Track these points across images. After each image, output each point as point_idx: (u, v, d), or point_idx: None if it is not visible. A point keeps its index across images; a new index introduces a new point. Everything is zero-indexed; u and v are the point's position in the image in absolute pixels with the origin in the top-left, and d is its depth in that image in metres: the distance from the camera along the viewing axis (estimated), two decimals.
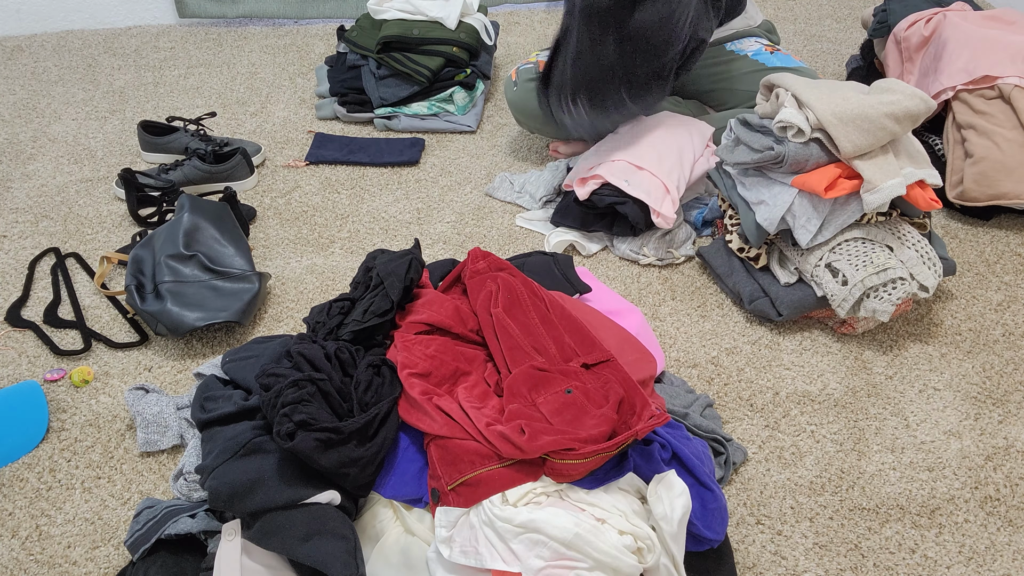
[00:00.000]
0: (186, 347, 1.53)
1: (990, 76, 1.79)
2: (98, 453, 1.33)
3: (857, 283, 1.42)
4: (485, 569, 0.99)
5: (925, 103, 1.43)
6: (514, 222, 1.85)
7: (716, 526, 1.07)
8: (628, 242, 1.72)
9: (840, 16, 2.84)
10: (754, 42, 1.97)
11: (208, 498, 1.05)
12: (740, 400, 1.41)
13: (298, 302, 1.64)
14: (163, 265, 1.53)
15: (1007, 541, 1.19)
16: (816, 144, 1.45)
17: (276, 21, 2.87)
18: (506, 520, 0.97)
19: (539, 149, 2.11)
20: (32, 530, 1.22)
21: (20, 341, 1.55)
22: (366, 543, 1.09)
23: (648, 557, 0.99)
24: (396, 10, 2.22)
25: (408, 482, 1.10)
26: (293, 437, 1.02)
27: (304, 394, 1.07)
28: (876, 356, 1.50)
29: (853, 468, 1.30)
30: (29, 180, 2.02)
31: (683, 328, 1.56)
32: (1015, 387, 1.44)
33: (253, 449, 1.06)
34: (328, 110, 2.24)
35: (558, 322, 1.24)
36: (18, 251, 1.78)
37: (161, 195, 1.84)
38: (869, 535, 1.20)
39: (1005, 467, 1.30)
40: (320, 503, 1.03)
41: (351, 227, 1.85)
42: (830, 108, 1.41)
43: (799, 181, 1.45)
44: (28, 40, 2.74)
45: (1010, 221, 1.83)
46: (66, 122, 2.27)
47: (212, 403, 1.17)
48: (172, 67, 2.56)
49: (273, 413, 1.06)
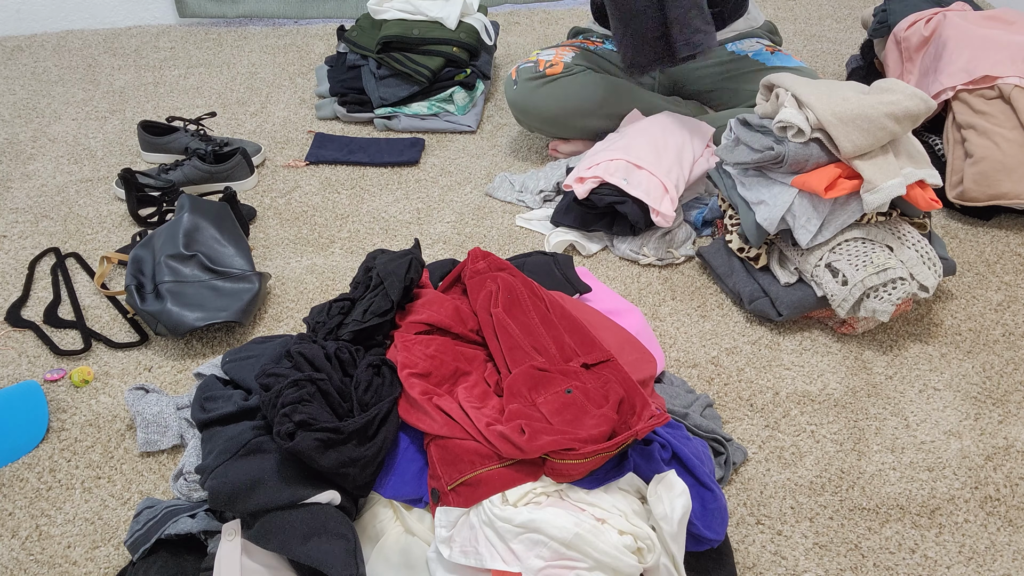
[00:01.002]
0: (186, 347, 1.53)
1: (990, 76, 1.79)
2: (98, 453, 1.33)
3: (857, 283, 1.42)
4: (485, 569, 0.99)
5: (925, 103, 1.43)
6: (514, 222, 1.85)
7: (716, 526, 1.07)
8: (628, 242, 1.72)
9: (840, 16, 2.84)
10: (755, 42, 1.97)
11: (208, 498, 1.05)
12: (740, 400, 1.41)
13: (298, 302, 1.64)
14: (163, 265, 1.53)
15: (1007, 541, 1.19)
16: (816, 144, 1.45)
17: (276, 21, 2.87)
18: (506, 520, 0.97)
19: (539, 149, 2.11)
20: (32, 530, 1.22)
21: (20, 341, 1.55)
22: (366, 543, 1.09)
23: (648, 557, 0.99)
24: (396, 10, 2.22)
25: (408, 482, 1.10)
26: (293, 437, 1.02)
27: (304, 394, 1.07)
28: (876, 356, 1.50)
29: (853, 468, 1.30)
30: (29, 180, 2.02)
31: (683, 328, 1.56)
32: (1015, 387, 1.44)
33: (253, 449, 1.06)
34: (328, 110, 2.24)
35: (558, 322, 1.24)
36: (18, 251, 1.78)
37: (161, 195, 1.84)
38: (869, 535, 1.20)
39: (1005, 467, 1.30)
40: (320, 503, 1.03)
41: (351, 227, 1.85)
42: (830, 108, 1.41)
43: (799, 181, 1.45)
44: (28, 40, 2.74)
45: (1010, 221, 1.83)
46: (66, 122, 2.27)
47: (212, 403, 1.17)
48: (172, 67, 2.56)
49: (273, 413, 1.06)
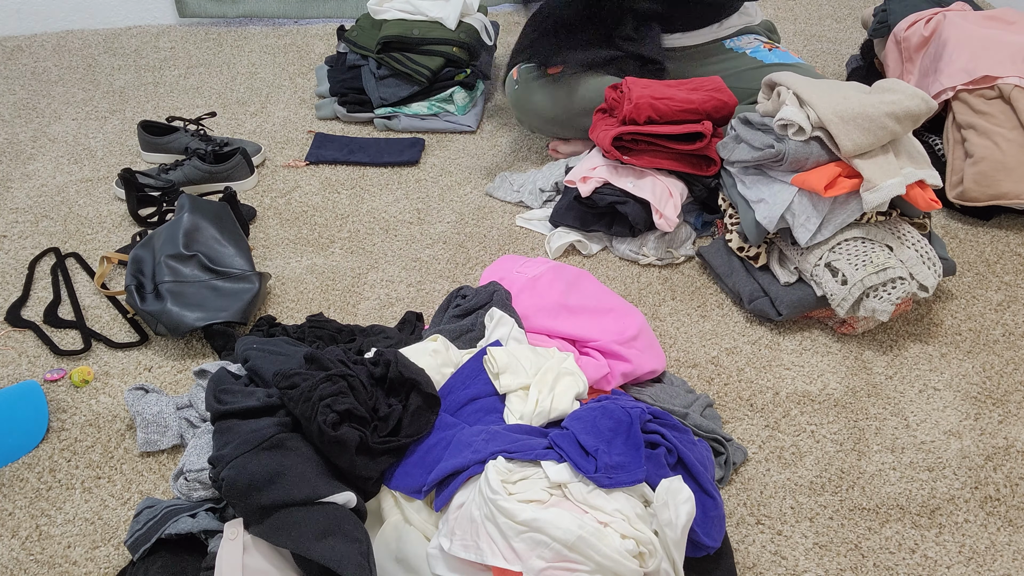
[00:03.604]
0: (186, 347, 1.53)
1: (990, 76, 1.79)
2: (98, 453, 1.33)
3: (857, 282, 1.42)
4: (485, 568, 0.99)
5: (926, 103, 1.43)
6: (514, 222, 1.85)
7: (715, 533, 1.07)
8: (627, 242, 1.72)
9: (840, 16, 2.84)
10: (753, 39, 1.97)
11: (223, 487, 1.04)
12: (740, 400, 1.41)
13: (298, 302, 1.64)
14: (163, 265, 1.53)
15: (1007, 541, 1.19)
16: (816, 143, 1.45)
17: (276, 21, 2.87)
18: (509, 516, 0.97)
19: (539, 149, 2.11)
20: (32, 530, 1.22)
21: (20, 341, 1.55)
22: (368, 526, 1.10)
23: (650, 562, 0.99)
24: (396, 10, 2.22)
25: (409, 472, 1.11)
26: (337, 427, 1.06)
27: (340, 388, 1.10)
28: (876, 356, 1.50)
29: (853, 468, 1.30)
30: (29, 180, 2.02)
31: (683, 328, 1.56)
32: (1015, 387, 1.44)
33: (276, 444, 1.07)
34: (328, 110, 2.24)
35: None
36: (18, 251, 1.78)
37: (161, 195, 1.84)
38: (869, 535, 1.20)
39: (1005, 467, 1.30)
40: (336, 503, 1.03)
41: (351, 227, 1.85)
42: (831, 106, 1.41)
43: (799, 179, 1.45)
44: (28, 40, 2.74)
45: (1010, 221, 1.83)
46: (66, 122, 2.27)
47: (229, 396, 1.17)
48: (172, 67, 2.56)
49: (307, 407, 1.08)
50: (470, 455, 1.05)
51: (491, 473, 1.01)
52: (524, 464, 1.05)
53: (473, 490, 1.03)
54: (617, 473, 1.03)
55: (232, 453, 1.06)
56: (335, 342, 1.41)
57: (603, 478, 1.02)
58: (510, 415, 1.15)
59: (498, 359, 1.20)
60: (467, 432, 1.11)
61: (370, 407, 1.12)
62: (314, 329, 1.44)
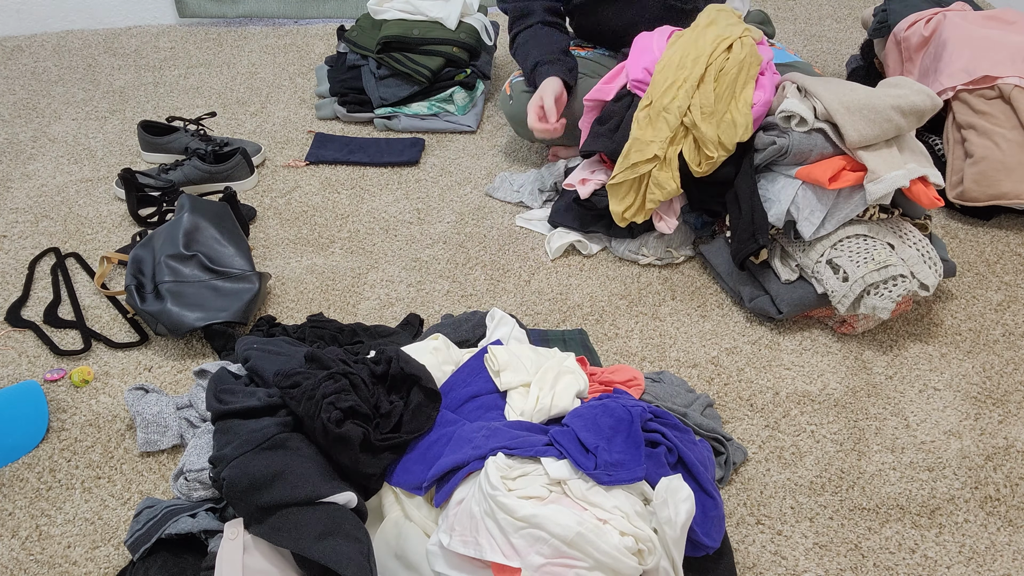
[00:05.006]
0: (186, 347, 1.53)
1: (990, 76, 1.79)
2: (98, 453, 1.33)
3: (858, 279, 1.42)
4: (485, 565, 0.99)
5: (931, 99, 1.44)
6: (514, 222, 1.85)
7: (715, 533, 1.07)
8: (627, 243, 1.72)
9: (840, 16, 2.85)
10: None
11: (224, 487, 1.04)
12: (740, 400, 1.41)
13: (298, 302, 1.64)
14: (163, 265, 1.53)
15: (1007, 541, 1.19)
16: (820, 135, 1.45)
17: (276, 21, 2.87)
18: (509, 512, 0.97)
19: (539, 149, 2.11)
20: (32, 530, 1.22)
21: (20, 341, 1.55)
22: (368, 523, 1.10)
23: (649, 559, 0.99)
24: (396, 10, 2.22)
25: (410, 468, 1.11)
26: (341, 424, 1.06)
27: (342, 386, 1.11)
28: (876, 356, 1.50)
29: (853, 468, 1.30)
30: (29, 180, 2.02)
31: (683, 328, 1.56)
32: (1015, 387, 1.44)
33: (277, 444, 1.07)
34: (328, 110, 2.24)
35: None
36: (18, 251, 1.78)
37: (161, 195, 1.84)
38: (869, 535, 1.20)
39: (1005, 467, 1.30)
40: (337, 504, 1.03)
41: (351, 227, 1.85)
42: (838, 97, 1.42)
43: (803, 172, 1.46)
44: (28, 40, 2.74)
45: (1010, 221, 1.83)
46: (66, 122, 2.27)
47: (230, 396, 1.17)
48: (172, 67, 2.56)
49: (310, 405, 1.08)
50: (470, 451, 1.05)
51: (491, 469, 1.01)
52: (524, 460, 1.05)
53: (473, 486, 1.03)
54: (617, 471, 1.03)
55: (233, 453, 1.06)
56: (335, 342, 1.41)
57: (603, 475, 1.02)
58: (511, 411, 1.16)
59: (499, 357, 1.20)
60: (468, 428, 1.11)
61: (372, 404, 1.12)
62: (314, 329, 1.44)
